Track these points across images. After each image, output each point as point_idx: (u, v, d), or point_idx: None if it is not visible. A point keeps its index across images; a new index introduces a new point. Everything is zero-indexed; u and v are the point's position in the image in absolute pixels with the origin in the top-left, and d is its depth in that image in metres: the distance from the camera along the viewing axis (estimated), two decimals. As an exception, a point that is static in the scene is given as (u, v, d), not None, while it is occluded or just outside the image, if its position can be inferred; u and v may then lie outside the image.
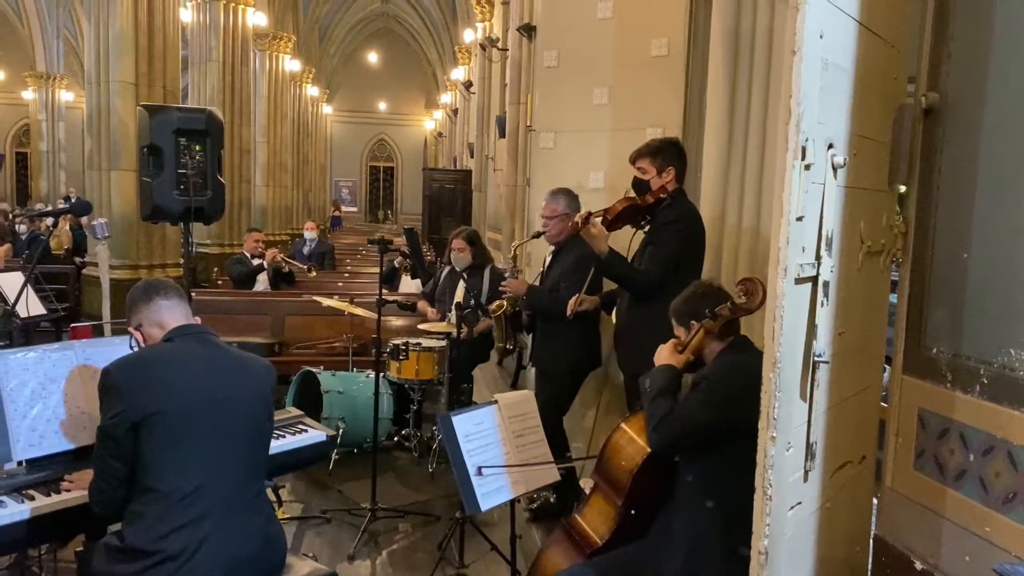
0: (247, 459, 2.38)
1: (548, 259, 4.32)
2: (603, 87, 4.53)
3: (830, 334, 2.07)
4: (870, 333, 2.42)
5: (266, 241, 8.63)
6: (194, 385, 2.31)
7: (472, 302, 5.24)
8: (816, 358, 2.00)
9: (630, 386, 3.64)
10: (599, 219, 3.48)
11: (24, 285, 3.95)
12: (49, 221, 11.96)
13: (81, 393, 2.69)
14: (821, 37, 1.88)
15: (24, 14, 24.07)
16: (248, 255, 7.80)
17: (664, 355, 2.61)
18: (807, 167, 1.87)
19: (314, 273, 7.69)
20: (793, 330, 1.91)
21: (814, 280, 1.98)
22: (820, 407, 2.07)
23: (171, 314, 2.47)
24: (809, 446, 2.04)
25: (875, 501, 2.55)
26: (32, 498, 2.48)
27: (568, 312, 3.85)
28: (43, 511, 2.45)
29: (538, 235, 4.04)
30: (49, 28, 24.04)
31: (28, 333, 5.16)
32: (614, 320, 3.83)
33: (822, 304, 2.00)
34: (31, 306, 5.14)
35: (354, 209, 34.16)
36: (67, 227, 11.65)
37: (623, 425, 2.66)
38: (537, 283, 4.32)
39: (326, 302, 5.66)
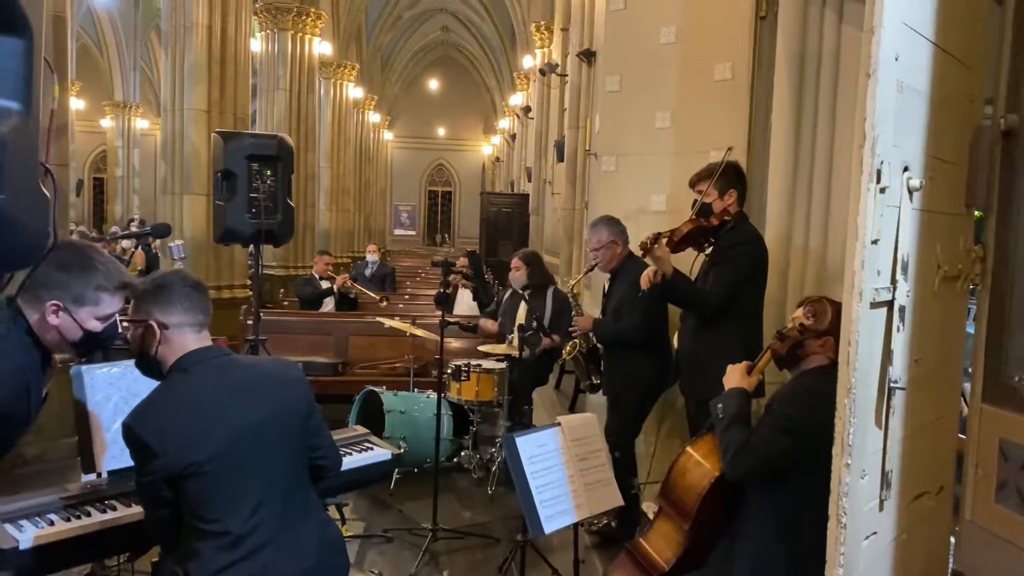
0: (292, 473, 2.29)
1: (606, 286, 4.33)
2: (666, 111, 4.53)
3: (906, 360, 2.02)
4: (946, 360, 2.35)
5: (334, 264, 8.82)
6: (224, 423, 2.16)
7: (534, 324, 5.26)
8: (892, 384, 1.95)
9: (693, 411, 3.61)
10: (664, 240, 3.47)
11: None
12: (125, 243, 12.40)
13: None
14: (896, 59, 1.86)
15: (104, 46, 25.22)
16: (317, 277, 8.00)
17: (735, 378, 2.58)
18: (882, 190, 1.85)
19: (385, 303, 7.82)
20: (868, 355, 1.87)
21: (889, 305, 1.93)
22: (896, 435, 2.02)
23: (180, 314, 2.23)
24: (884, 474, 1.99)
25: (952, 536, 2.46)
26: (114, 508, 2.56)
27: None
28: (122, 521, 2.52)
29: (591, 268, 4.13)
30: (127, 59, 25.13)
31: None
32: (676, 344, 3.80)
33: (898, 329, 1.95)
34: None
35: (412, 232, 35.29)
36: (139, 248, 12.09)
37: (689, 448, 2.63)
38: (599, 311, 4.34)
39: (389, 323, 5.76)
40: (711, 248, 3.58)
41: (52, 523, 2.43)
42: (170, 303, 2.24)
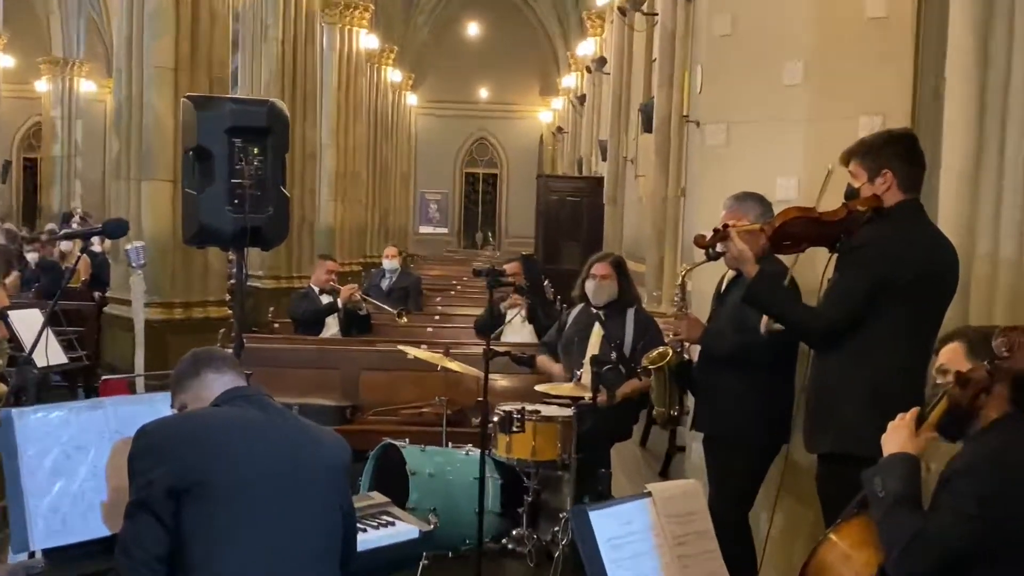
0: (318, 547, 2.54)
1: (723, 285, 4.32)
2: (797, 61, 4.49)
3: None
4: None
5: (339, 272, 8.86)
6: (252, 454, 2.48)
7: (613, 355, 5.23)
8: None
9: (823, 473, 3.56)
10: (759, 233, 3.60)
11: (44, 327, 4.18)
12: (63, 245, 12.65)
13: (114, 464, 2.80)
14: None
15: (40, -13, 25.77)
16: (316, 290, 8.06)
17: (898, 439, 2.54)
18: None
19: (405, 319, 7.85)
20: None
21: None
22: None
23: (220, 385, 2.68)
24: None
25: None
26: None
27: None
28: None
29: (716, 256, 3.95)
30: (69, 4, 25.67)
31: (40, 389, 5.44)
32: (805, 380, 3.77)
33: None
34: (51, 353, 5.29)
35: (444, 230, 35.79)
36: (84, 253, 12.29)
37: (832, 536, 2.60)
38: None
39: (414, 353, 5.75)
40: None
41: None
42: (199, 374, 2.72)
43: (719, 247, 3.78)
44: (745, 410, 4.07)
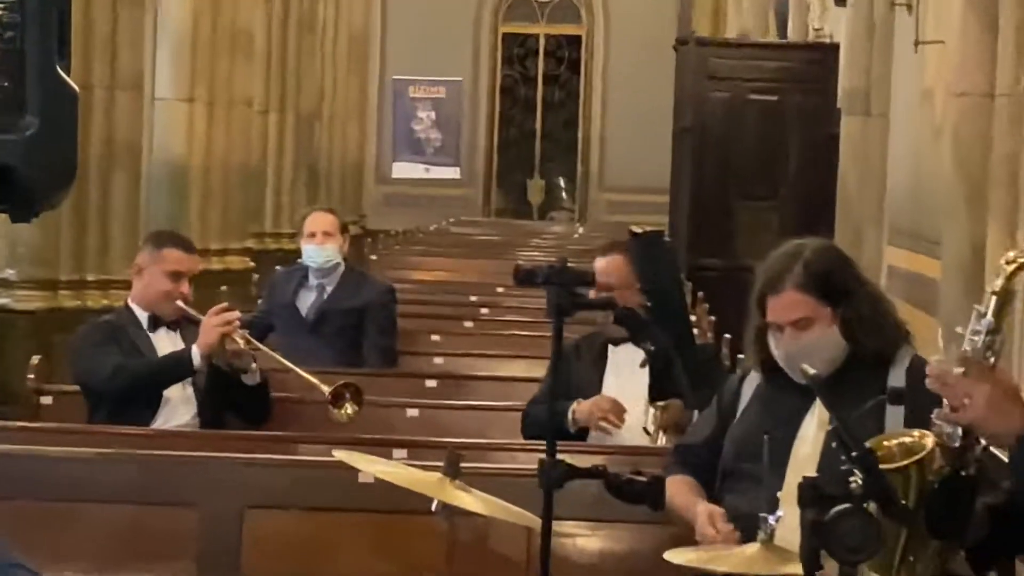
0: None
1: None
2: None
3: None
4: None
5: (196, 275, 5.26)
6: None
7: (856, 481, 2.99)
8: None
9: None
10: None
11: None
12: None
13: None
14: None
15: None
16: (142, 316, 4.84)
17: None
18: None
19: (349, 410, 4.62)
20: None
21: None
22: None
23: None
24: None
25: None
26: None
27: None
28: None
29: None
30: None
31: None
32: None
33: None
34: None
35: (449, 171, 19.57)
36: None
37: None
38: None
39: (372, 469, 3.65)
40: None
41: None
42: None
43: None
44: None
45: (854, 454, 2.61)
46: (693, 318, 5.84)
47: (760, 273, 3.32)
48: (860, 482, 2.58)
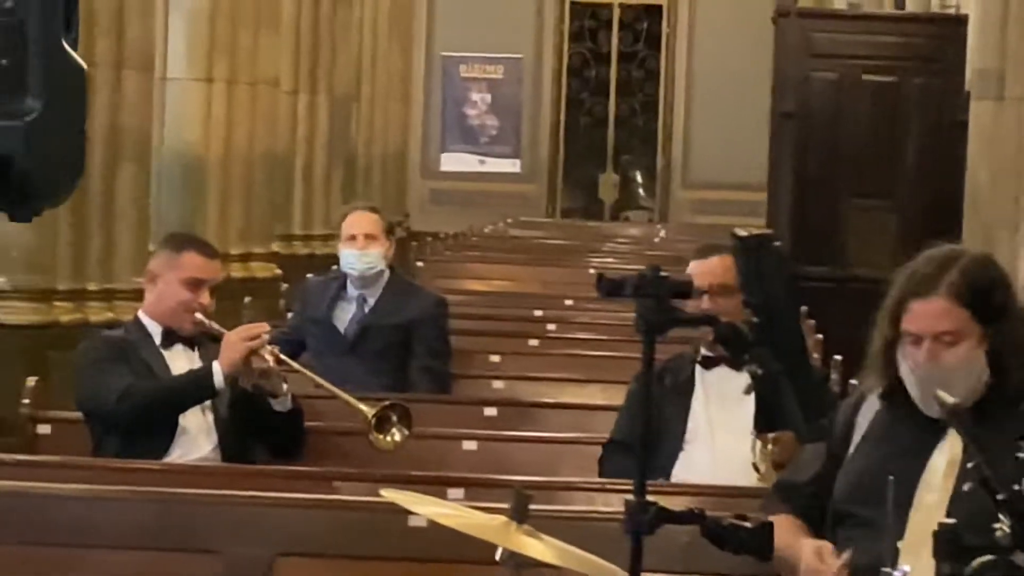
0: None
1: None
2: None
3: None
4: None
5: (219, 285, 4.94)
6: None
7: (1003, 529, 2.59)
8: None
9: None
10: None
11: None
12: None
13: None
14: None
15: None
16: (155, 331, 4.55)
17: None
18: None
19: (396, 435, 4.35)
20: None
21: None
22: None
23: None
24: None
25: None
26: None
27: None
28: None
29: None
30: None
31: None
32: None
33: None
34: None
35: (511, 166, 18.19)
36: None
37: None
38: None
39: (424, 511, 3.36)
40: None
41: None
42: None
43: None
44: None
45: (1001, 497, 2.42)
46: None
47: (903, 277, 2.97)
48: (1007, 530, 2.43)
